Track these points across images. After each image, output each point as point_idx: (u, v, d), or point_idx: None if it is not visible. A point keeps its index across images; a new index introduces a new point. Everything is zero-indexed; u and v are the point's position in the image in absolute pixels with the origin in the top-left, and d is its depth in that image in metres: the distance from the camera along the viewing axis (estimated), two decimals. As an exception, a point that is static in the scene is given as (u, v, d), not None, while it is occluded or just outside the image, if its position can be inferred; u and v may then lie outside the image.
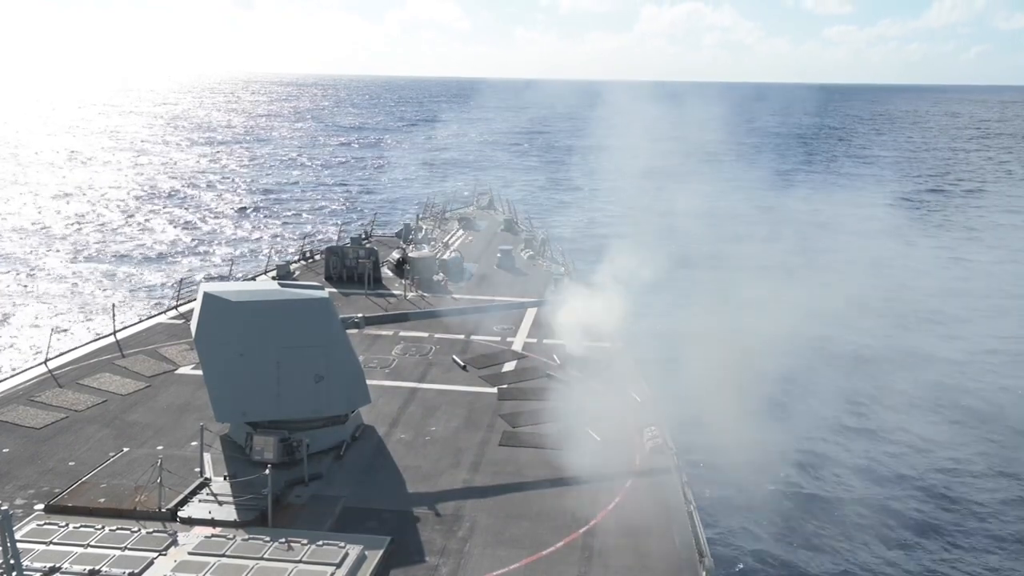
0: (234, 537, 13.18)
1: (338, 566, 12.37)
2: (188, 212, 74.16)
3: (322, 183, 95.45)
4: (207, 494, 14.74)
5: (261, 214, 74.75)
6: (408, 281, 30.71)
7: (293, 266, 33.57)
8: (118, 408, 19.11)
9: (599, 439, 17.14)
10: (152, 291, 47.35)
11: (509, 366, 22.55)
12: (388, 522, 14.20)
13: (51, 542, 12.77)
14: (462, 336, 24.94)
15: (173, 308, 27.66)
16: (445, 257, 34.08)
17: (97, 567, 12.13)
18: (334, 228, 59.76)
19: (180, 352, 23.01)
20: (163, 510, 14.05)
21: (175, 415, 18.80)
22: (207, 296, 16.45)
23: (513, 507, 14.83)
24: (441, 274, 31.84)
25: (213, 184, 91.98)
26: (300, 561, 12.45)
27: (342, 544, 12.86)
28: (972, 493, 25.43)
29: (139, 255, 56.67)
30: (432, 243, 37.45)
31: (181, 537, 13.21)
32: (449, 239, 39.95)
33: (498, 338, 24.93)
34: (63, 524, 13.35)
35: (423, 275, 31.05)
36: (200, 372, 17.56)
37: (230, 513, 14.12)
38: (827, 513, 23.90)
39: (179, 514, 14.06)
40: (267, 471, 13.96)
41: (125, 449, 16.82)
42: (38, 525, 13.38)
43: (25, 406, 18.87)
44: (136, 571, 12.13)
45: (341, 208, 77.74)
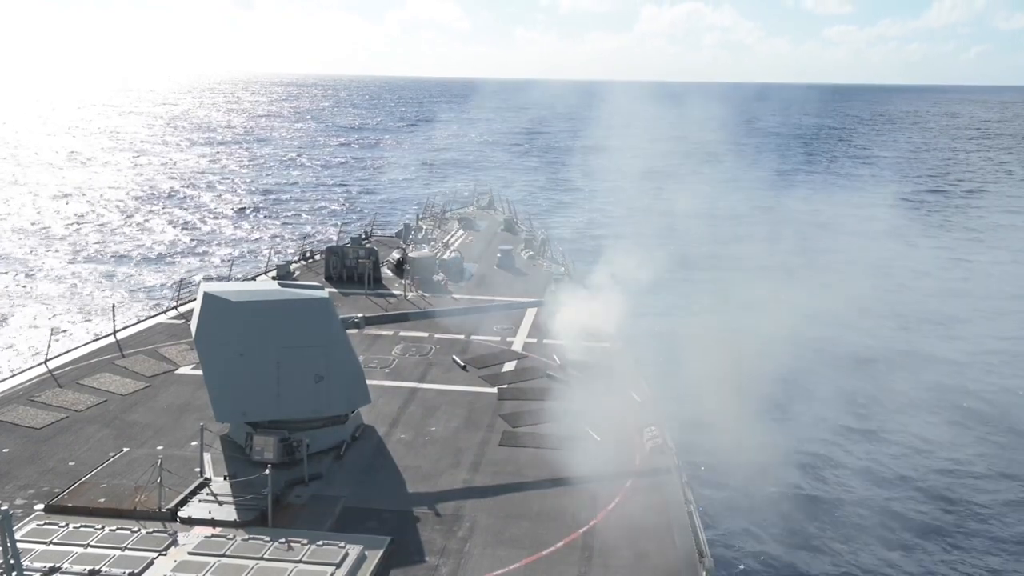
0: (234, 537, 13.18)
1: (338, 566, 12.37)
2: (188, 212, 74.13)
3: (322, 183, 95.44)
4: (207, 494, 14.75)
5: (261, 214, 74.74)
6: (408, 281, 30.70)
7: (293, 266, 33.57)
8: (118, 408, 19.11)
9: (599, 439, 17.14)
10: (152, 291, 47.34)
11: (509, 366, 22.55)
12: (388, 522, 14.20)
13: (51, 542, 12.78)
14: (462, 336, 24.94)
15: (173, 308, 27.65)
16: (445, 257, 34.08)
17: (97, 567, 12.13)
18: (334, 229, 59.75)
19: (180, 352, 23.01)
20: (163, 510, 14.05)
21: (175, 415, 18.80)
22: (207, 296, 16.45)
23: (513, 507, 14.83)
24: (441, 274, 31.84)
25: (213, 184, 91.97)
26: (300, 561, 12.45)
27: (342, 544, 12.87)
28: (973, 494, 25.36)
29: (139, 255, 56.66)
30: (432, 243, 37.44)
31: (181, 537, 13.22)
32: (449, 239, 39.94)
33: (498, 338, 24.93)
34: (63, 524, 13.35)
35: (423, 275, 31.05)
36: (200, 372, 17.57)
37: (230, 513, 14.13)
38: (827, 514, 23.87)
39: (179, 514, 14.06)
40: (267, 471, 13.96)
41: (125, 449, 16.82)
42: (38, 525, 13.38)
43: (25, 406, 18.87)
44: (136, 571, 12.13)
45: (341, 208, 77.72)
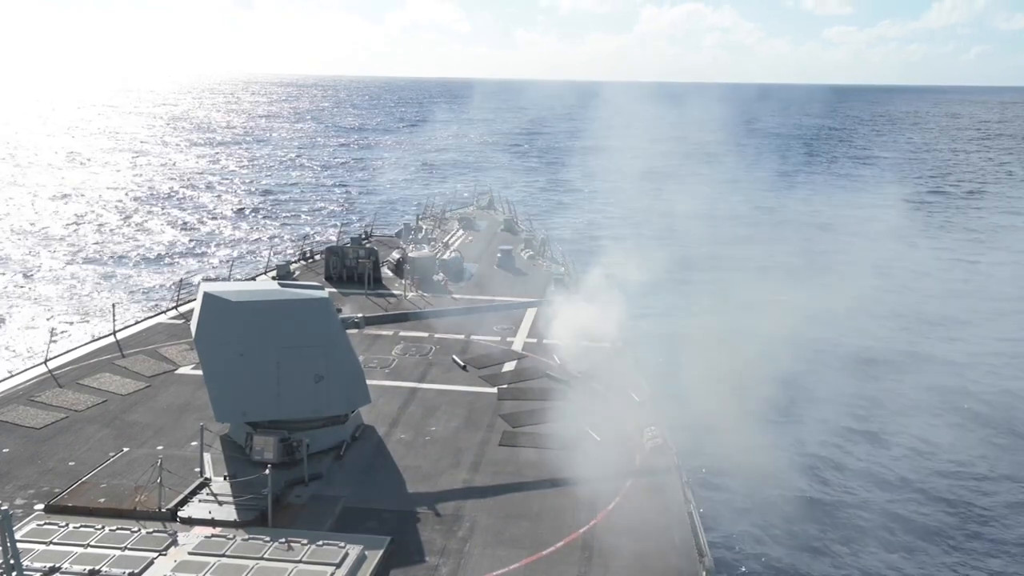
0: (234, 537, 13.17)
1: (338, 566, 12.36)
2: (187, 213, 74.11)
3: (322, 184, 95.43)
4: (207, 494, 14.74)
5: (260, 215, 74.72)
6: (408, 281, 30.70)
7: (293, 266, 33.57)
8: (118, 408, 19.10)
9: (599, 439, 17.14)
10: (152, 292, 47.33)
11: (509, 366, 22.53)
12: (388, 522, 14.19)
13: (51, 542, 12.77)
14: (462, 336, 24.93)
15: (173, 308, 27.65)
16: (445, 257, 34.08)
17: (97, 567, 12.12)
18: (333, 230, 59.74)
19: (180, 352, 23.00)
20: (163, 510, 14.04)
21: (175, 415, 18.79)
22: (207, 296, 16.45)
23: (513, 507, 14.82)
24: (441, 274, 31.84)
25: (212, 185, 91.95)
26: (300, 561, 12.45)
27: (342, 544, 12.86)
28: (974, 496, 25.26)
29: (138, 256, 56.65)
30: (432, 243, 37.45)
31: (181, 537, 13.21)
32: (449, 239, 39.94)
33: (498, 338, 24.92)
34: (63, 524, 13.34)
35: (423, 275, 31.05)
36: (200, 372, 17.56)
37: (230, 513, 14.12)
38: (828, 515, 23.80)
39: (179, 514, 14.05)
40: (267, 471, 13.95)
41: (125, 449, 16.81)
42: (38, 525, 13.37)
43: (25, 406, 18.87)
44: (136, 571, 12.13)
45: (340, 209, 77.73)
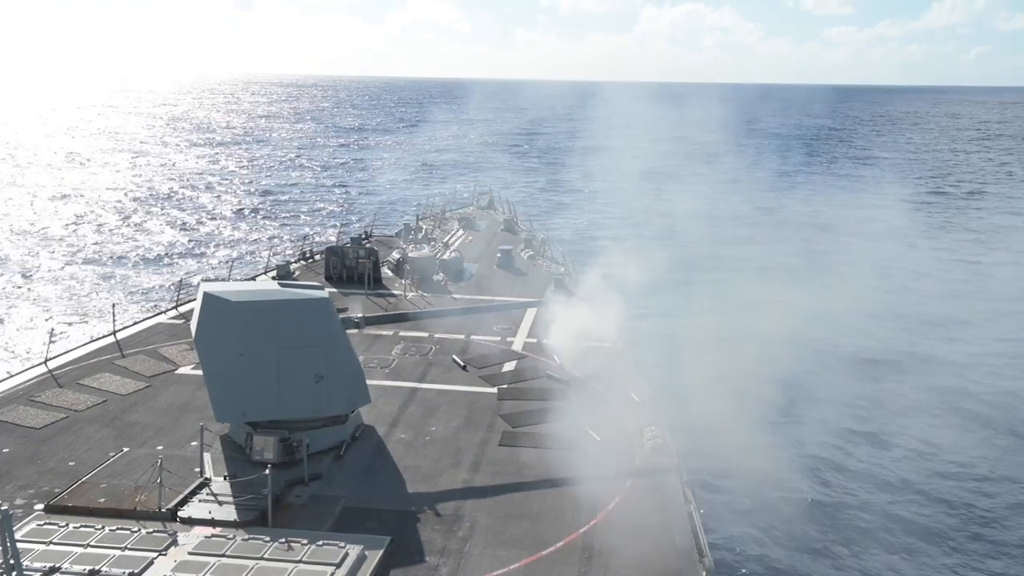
0: (234, 537, 13.17)
1: (338, 566, 12.36)
2: (187, 213, 74.10)
3: (321, 184, 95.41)
4: (207, 494, 14.73)
5: (260, 215, 74.70)
6: (408, 281, 30.70)
7: (293, 266, 33.56)
8: (118, 408, 19.10)
9: (599, 439, 17.13)
10: (152, 292, 47.33)
11: (509, 366, 22.52)
12: (388, 522, 14.19)
13: (51, 542, 12.76)
14: (462, 336, 24.92)
15: (173, 308, 27.64)
16: (445, 257, 34.08)
17: (97, 567, 12.12)
18: (332, 231, 59.73)
19: (180, 352, 22.99)
20: (163, 510, 14.04)
21: (175, 415, 18.79)
22: (207, 296, 16.45)
23: (513, 507, 14.81)
24: (441, 274, 31.84)
25: (212, 185, 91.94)
26: (300, 561, 12.44)
27: (342, 544, 12.86)
28: (975, 498, 25.20)
29: (138, 256, 56.65)
30: (432, 243, 37.45)
31: (181, 537, 13.21)
32: (449, 239, 39.94)
33: (498, 338, 24.92)
34: (63, 524, 13.34)
35: (423, 275, 31.04)
36: (200, 372, 17.56)
37: (230, 513, 14.11)
38: (828, 516, 23.75)
39: (179, 514, 14.05)
40: (267, 471, 13.95)
41: (125, 449, 16.81)
42: (38, 525, 13.37)
43: (25, 406, 18.86)
44: (136, 571, 12.12)
45: (340, 210, 77.71)
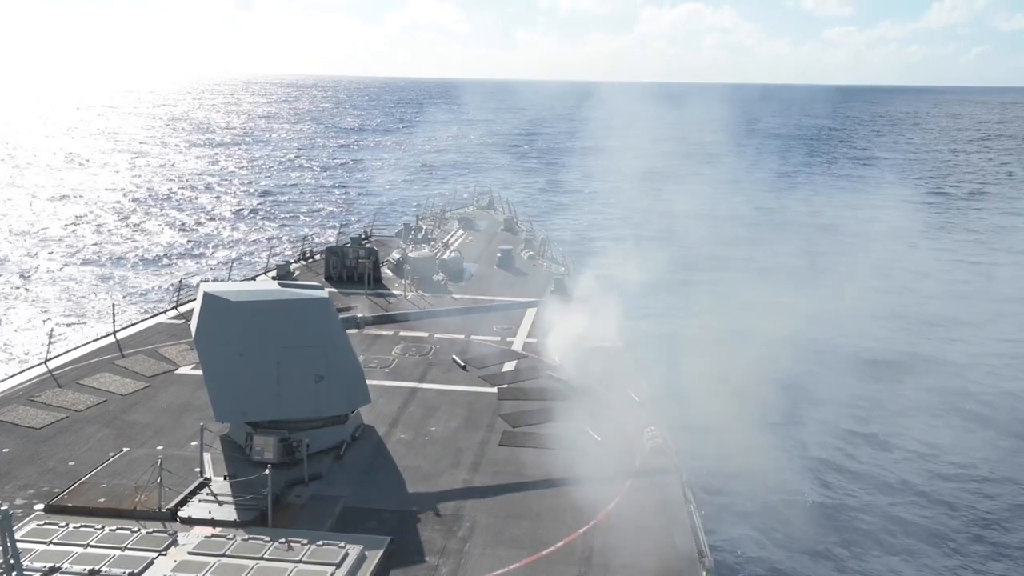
0: (234, 537, 13.17)
1: (338, 566, 12.36)
2: (187, 214, 74.10)
3: (321, 185, 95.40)
4: (207, 494, 14.73)
5: (259, 216, 74.69)
6: (408, 281, 30.70)
7: (293, 266, 33.56)
8: (118, 408, 19.10)
9: (599, 439, 17.14)
10: (152, 293, 47.31)
11: (509, 366, 22.52)
12: (388, 522, 14.19)
13: (51, 542, 12.76)
14: (462, 336, 24.92)
15: (173, 308, 27.64)
16: (445, 257, 34.09)
17: (97, 567, 12.11)
18: (332, 231, 59.70)
19: (180, 352, 22.99)
20: (163, 510, 14.04)
21: (175, 415, 18.79)
22: (207, 296, 16.44)
23: (513, 507, 14.82)
24: (441, 274, 31.84)
25: (212, 186, 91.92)
26: (300, 561, 12.44)
27: (342, 544, 12.86)
28: (976, 499, 25.15)
29: (138, 257, 56.64)
30: (432, 243, 37.46)
31: (181, 537, 13.20)
32: (449, 239, 39.95)
33: (498, 338, 24.92)
34: (63, 524, 13.34)
35: (423, 275, 31.05)
36: (200, 372, 17.55)
37: (230, 513, 14.11)
38: (829, 517, 23.70)
39: (179, 514, 14.05)
40: (267, 471, 13.95)
41: (125, 449, 16.81)
42: (38, 525, 13.37)
43: (25, 406, 18.86)
44: (136, 571, 12.12)
45: (339, 210, 77.69)
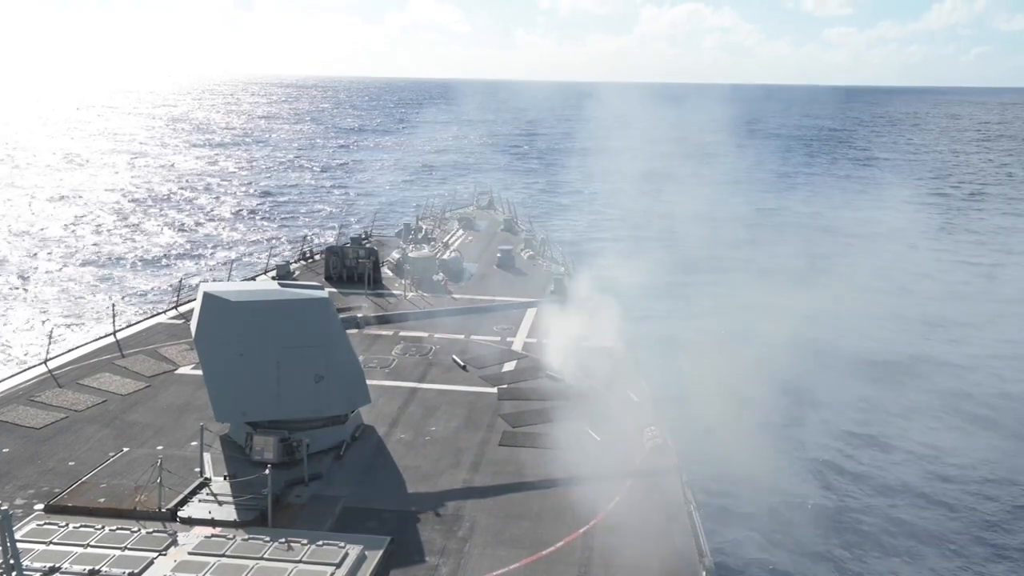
0: (234, 537, 13.16)
1: (338, 566, 12.35)
2: (187, 214, 74.09)
3: (321, 185, 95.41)
4: (207, 494, 14.73)
5: (259, 216, 74.68)
6: (408, 281, 30.70)
7: (293, 266, 33.56)
8: (118, 408, 19.10)
9: (599, 439, 17.14)
10: (151, 293, 47.30)
11: (509, 366, 22.52)
12: (388, 522, 14.18)
13: (51, 542, 12.75)
14: (462, 336, 24.92)
15: (173, 308, 27.64)
16: (445, 257, 34.09)
17: (97, 567, 12.11)
18: (332, 231, 59.71)
19: (180, 352, 22.99)
20: (163, 510, 14.03)
21: (175, 415, 18.78)
22: (207, 296, 16.44)
23: (513, 507, 14.81)
24: (441, 274, 31.84)
25: (212, 186, 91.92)
26: (300, 561, 12.44)
27: (342, 544, 12.85)
28: (978, 501, 25.11)
29: (138, 257, 56.63)
30: (432, 243, 37.47)
31: (181, 537, 13.20)
32: (449, 239, 39.96)
33: (498, 338, 24.92)
34: (63, 524, 13.33)
35: (423, 275, 31.05)
36: (200, 372, 17.55)
37: (230, 513, 14.11)
38: (829, 518, 23.66)
39: (179, 514, 14.04)
40: (267, 471, 13.95)
41: (125, 449, 16.80)
42: (38, 525, 13.36)
43: (25, 406, 18.85)
44: (136, 571, 12.12)
45: (339, 210, 77.70)
